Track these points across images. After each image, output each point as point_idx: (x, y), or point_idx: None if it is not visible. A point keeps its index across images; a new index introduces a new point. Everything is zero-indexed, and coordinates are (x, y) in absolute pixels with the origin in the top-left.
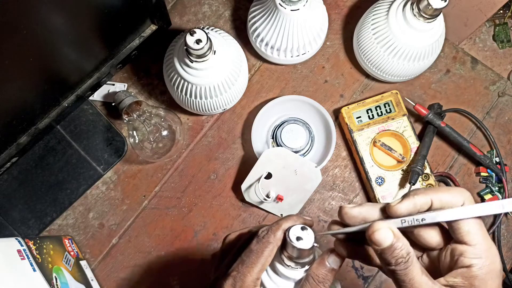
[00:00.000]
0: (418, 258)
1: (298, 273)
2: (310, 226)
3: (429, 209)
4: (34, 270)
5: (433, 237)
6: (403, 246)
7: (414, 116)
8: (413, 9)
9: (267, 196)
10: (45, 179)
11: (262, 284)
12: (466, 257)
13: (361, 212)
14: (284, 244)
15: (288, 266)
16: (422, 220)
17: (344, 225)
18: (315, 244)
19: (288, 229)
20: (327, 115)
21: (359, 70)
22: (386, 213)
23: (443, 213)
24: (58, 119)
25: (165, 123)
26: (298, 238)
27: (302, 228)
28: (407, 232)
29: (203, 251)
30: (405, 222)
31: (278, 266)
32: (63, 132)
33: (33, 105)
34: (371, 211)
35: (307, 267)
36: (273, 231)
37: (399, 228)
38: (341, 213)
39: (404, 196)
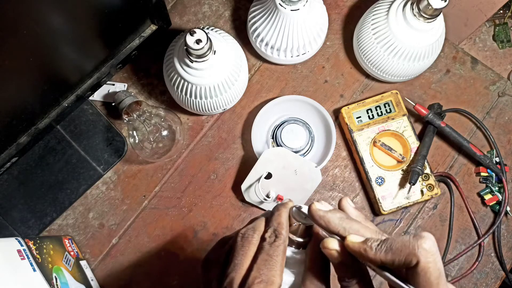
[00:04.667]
0: None
1: (289, 251)
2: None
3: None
4: (34, 270)
5: None
6: (348, 269)
7: (414, 116)
8: (413, 9)
9: (267, 196)
10: (45, 179)
11: None
12: None
13: (321, 218)
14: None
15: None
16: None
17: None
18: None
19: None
20: (327, 115)
21: (359, 70)
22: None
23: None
24: (58, 119)
25: (165, 123)
26: (303, 216)
27: (298, 208)
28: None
29: (203, 251)
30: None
31: None
32: (63, 132)
33: (33, 105)
34: (332, 221)
35: (296, 249)
36: (279, 232)
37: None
38: (308, 209)
39: (366, 241)
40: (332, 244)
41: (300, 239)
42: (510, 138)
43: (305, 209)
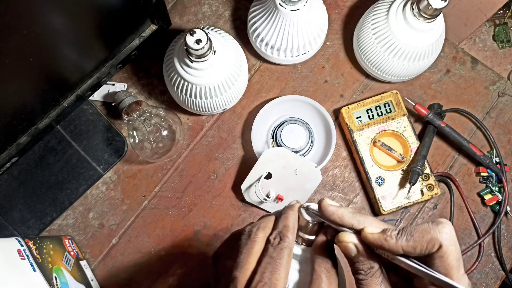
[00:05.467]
0: None
1: (298, 249)
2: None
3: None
4: (34, 270)
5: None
6: (365, 261)
7: (414, 116)
8: (413, 9)
9: (267, 196)
10: (45, 179)
11: None
12: None
13: (334, 213)
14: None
15: (298, 243)
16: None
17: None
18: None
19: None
20: (327, 115)
21: (359, 70)
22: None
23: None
24: (58, 119)
25: (165, 123)
26: (312, 215)
27: (306, 208)
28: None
29: (203, 251)
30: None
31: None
32: (63, 132)
33: (33, 105)
34: (345, 215)
35: (304, 246)
36: (284, 235)
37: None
38: (319, 205)
39: (384, 231)
40: (349, 237)
41: (311, 237)
42: (510, 138)
43: (313, 207)
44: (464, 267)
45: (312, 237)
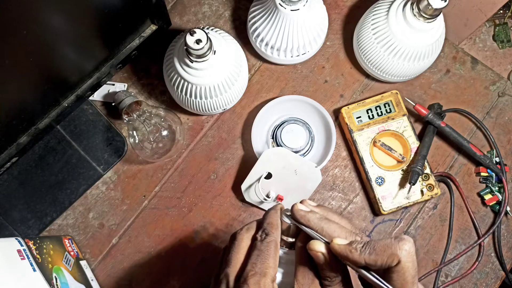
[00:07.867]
0: None
1: (281, 252)
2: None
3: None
4: (34, 270)
5: None
6: (332, 268)
7: (414, 116)
8: (413, 9)
9: (267, 196)
10: (45, 179)
11: None
12: None
13: (302, 217)
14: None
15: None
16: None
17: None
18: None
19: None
20: (327, 115)
21: (359, 70)
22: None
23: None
24: (58, 119)
25: (165, 123)
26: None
27: (286, 213)
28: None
29: (203, 251)
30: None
31: None
32: (63, 132)
33: (33, 105)
34: (311, 220)
35: (287, 250)
36: (269, 230)
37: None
38: (291, 209)
39: (351, 243)
40: (318, 246)
41: (292, 240)
42: (510, 138)
43: None
44: (464, 267)
45: (293, 240)
